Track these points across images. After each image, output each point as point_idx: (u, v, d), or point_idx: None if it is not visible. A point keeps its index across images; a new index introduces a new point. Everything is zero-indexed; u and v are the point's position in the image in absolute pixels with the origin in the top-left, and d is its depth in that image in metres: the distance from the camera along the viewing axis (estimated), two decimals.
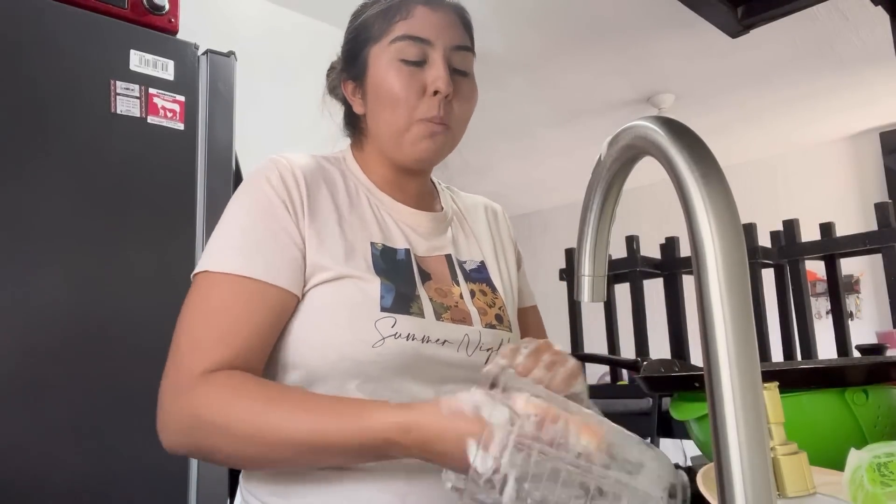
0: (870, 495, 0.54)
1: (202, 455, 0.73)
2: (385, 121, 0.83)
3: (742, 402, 0.34)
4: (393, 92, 0.82)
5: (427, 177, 0.93)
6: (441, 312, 0.81)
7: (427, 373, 0.78)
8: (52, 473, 1.27)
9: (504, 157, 4.74)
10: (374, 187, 0.87)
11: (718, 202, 0.36)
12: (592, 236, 0.52)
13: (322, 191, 0.82)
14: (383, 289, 0.77)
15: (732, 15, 1.34)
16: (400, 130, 0.83)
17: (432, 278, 0.84)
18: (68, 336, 1.33)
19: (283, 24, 2.71)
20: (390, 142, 0.84)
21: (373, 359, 0.74)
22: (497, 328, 0.86)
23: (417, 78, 0.81)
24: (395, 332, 0.75)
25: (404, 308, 0.77)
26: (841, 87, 3.83)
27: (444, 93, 0.81)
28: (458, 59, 0.84)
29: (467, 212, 0.98)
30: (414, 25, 0.82)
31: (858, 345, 1.68)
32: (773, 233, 2.11)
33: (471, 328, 0.82)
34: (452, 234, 0.92)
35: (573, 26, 3.06)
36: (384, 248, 0.82)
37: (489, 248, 0.95)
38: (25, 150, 1.34)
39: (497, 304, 0.89)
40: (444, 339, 0.79)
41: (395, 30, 0.82)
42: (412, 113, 0.82)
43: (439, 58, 0.82)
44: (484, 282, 0.90)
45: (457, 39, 0.84)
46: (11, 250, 1.30)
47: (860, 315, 4.51)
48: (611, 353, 2.05)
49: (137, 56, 1.49)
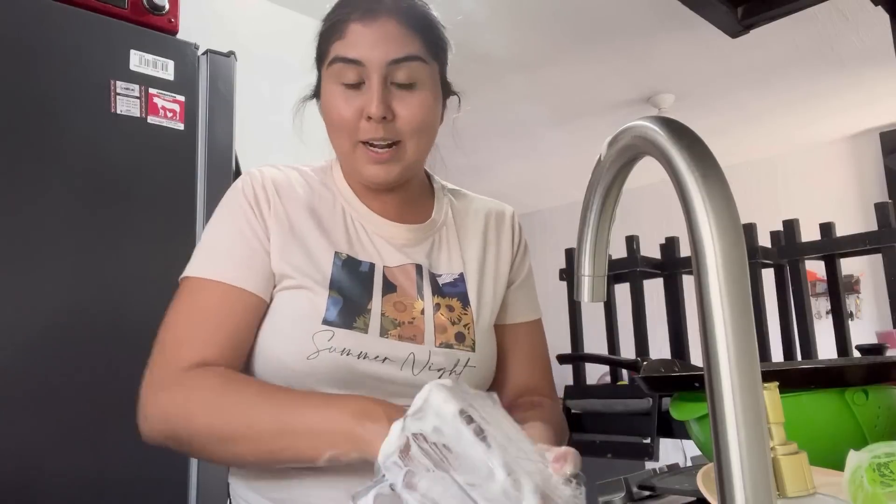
0: (870, 496, 0.54)
1: (179, 444, 0.75)
2: (335, 143, 0.85)
3: (742, 402, 0.34)
4: (333, 116, 0.82)
5: (408, 187, 0.90)
6: (388, 329, 0.80)
7: (368, 389, 0.77)
8: (52, 473, 1.27)
9: (504, 157, 4.73)
10: (353, 198, 0.88)
11: (718, 202, 0.36)
12: (592, 236, 0.52)
13: (294, 201, 0.84)
14: (330, 301, 0.78)
15: (732, 15, 1.34)
16: (347, 153, 0.84)
17: (396, 291, 0.83)
18: (68, 336, 1.33)
19: (283, 24, 2.71)
20: (344, 163, 0.87)
21: (308, 370, 0.76)
22: (454, 347, 0.83)
23: (354, 102, 0.80)
24: (330, 346, 0.76)
25: (347, 322, 0.78)
26: (841, 87, 3.83)
27: (376, 117, 0.78)
28: (400, 73, 0.79)
29: (464, 219, 0.95)
30: (347, 46, 0.79)
31: (858, 345, 1.68)
32: (773, 233, 2.11)
33: (419, 347, 0.81)
34: (433, 244, 0.90)
35: (573, 26, 3.06)
36: (347, 259, 0.83)
37: (476, 259, 0.92)
38: (26, 150, 1.34)
39: (463, 320, 0.86)
40: (385, 357, 0.79)
41: (332, 51, 0.81)
42: (354, 136, 0.81)
43: (374, 78, 0.78)
44: (456, 296, 0.87)
45: (394, 52, 0.79)
46: (11, 250, 1.30)
47: (860, 315, 4.51)
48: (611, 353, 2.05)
49: (137, 56, 1.49)
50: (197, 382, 0.72)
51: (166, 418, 0.72)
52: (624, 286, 2.13)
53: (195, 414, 0.71)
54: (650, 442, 1.57)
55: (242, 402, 0.71)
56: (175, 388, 0.72)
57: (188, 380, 0.72)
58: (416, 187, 0.92)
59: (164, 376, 0.74)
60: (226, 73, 1.61)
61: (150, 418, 0.74)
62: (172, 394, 0.72)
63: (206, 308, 0.77)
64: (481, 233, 0.94)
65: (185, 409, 0.71)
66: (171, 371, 0.74)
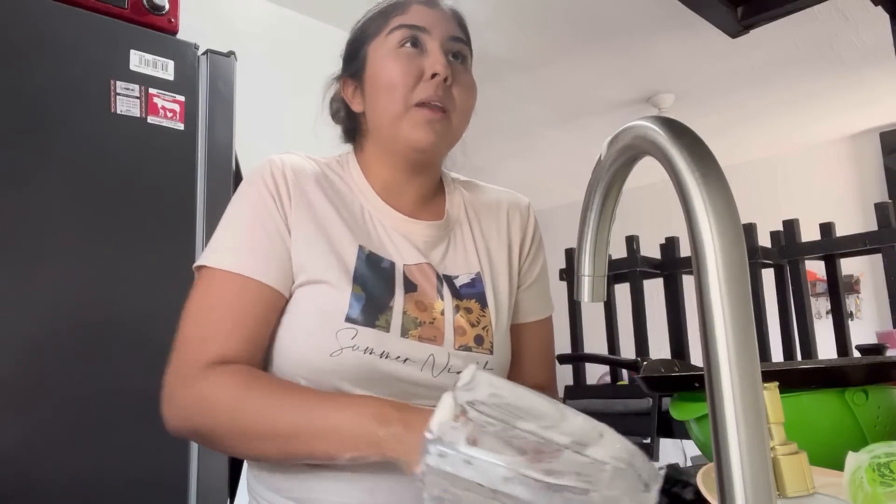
0: (870, 497, 0.54)
1: (202, 438, 0.77)
2: (383, 108, 0.84)
3: (742, 402, 0.34)
4: (391, 76, 0.83)
5: (429, 177, 0.90)
6: (409, 328, 0.80)
7: (389, 389, 0.77)
8: (52, 473, 1.27)
9: (504, 157, 4.74)
10: (371, 193, 0.87)
11: (718, 202, 0.36)
12: (592, 236, 0.52)
13: (314, 192, 0.83)
14: (353, 298, 0.78)
15: (732, 15, 1.34)
16: (398, 114, 0.82)
17: (417, 290, 0.83)
18: (68, 336, 1.33)
19: (283, 24, 2.71)
20: (389, 129, 0.84)
21: (331, 367, 0.76)
22: (473, 350, 0.83)
23: (415, 63, 0.83)
24: (353, 345, 0.76)
25: (370, 320, 0.78)
26: (841, 87, 3.83)
27: (442, 75, 0.81)
28: (455, 49, 0.86)
29: (478, 213, 0.94)
30: (411, 17, 0.85)
31: (858, 345, 1.68)
32: (773, 233, 2.11)
33: (438, 349, 0.80)
34: (451, 243, 0.90)
35: (573, 26, 3.06)
36: (370, 255, 0.82)
37: (493, 256, 0.91)
38: (25, 150, 1.34)
39: (482, 322, 0.85)
40: (406, 357, 0.78)
41: (392, 22, 0.85)
42: (409, 96, 0.82)
43: (436, 45, 0.84)
44: (475, 297, 0.87)
45: (453, 31, 0.86)
46: (11, 250, 1.29)
47: (860, 315, 4.51)
48: (611, 353, 2.05)
49: (137, 56, 1.48)
50: (220, 380, 0.73)
51: (189, 414, 0.74)
52: (624, 286, 2.13)
53: (218, 411, 0.72)
54: (650, 442, 1.57)
55: (264, 401, 0.72)
56: (199, 384, 0.73)
57: (211, 376, 0.73)
58: (431, 181, 0.92)
59: (188, 372, 0.75)
60: (226, 73, 1.61)
61: (176, 411, 0.75)
62: (197, 389, 0.73)
63: (227, 303, 0.77)
64: (495, 228, 0.94)
65: (207, 405, 0.73)
66: (194, 367, 0.75)
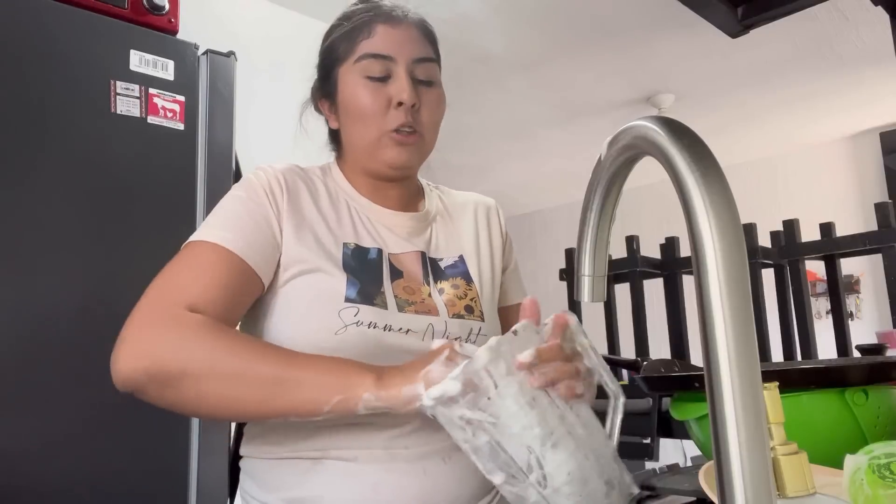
0: (871, 499, 0.54)
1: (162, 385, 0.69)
2: (358, 135, 0.89)
3: (742, 402, 0.34)
4: (361, 107, 0.87)
5: (408, 183, 0.96)
6: (404, 306, 0.84)
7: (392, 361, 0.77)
8: (53, 473, 1.27)
9: (504, 157, 4.73)
10: (354, 193, 0.92)
11: (718, 202, 0.36)
12: (592, 236, 0.52)
13: (302, 195, 0.87)
14: (348, 283, 0.82)
15: (732, 15, 1.34)
16: (372, 142, 0.88)
17: (403, 276, 0.87)
18: (68, 336, 1.33)
19: (283, 24, 2.71)
20: (365, 154, 0.90)
21: (335, 346, 0.77)
22: (465, 318, 0.88)
23: (382, 92, 0.86)
24: (357, 321, 0.79)
25: (367, 300, 0.81)
26: (841, 87, 3.83)
27: (408, 103, 0.85)
28: (420, 70, 0.88)
29: (455, 210, 1.01)
30: (376, 44, 0.87)
31: (858, 345, 1.68)
32: (773, 233, 2.11)
33: (435, 318, 0.85)
34: (433, 232, 0.96)
35: (573, 26, 3.06)
36: (356, 248, 0.87)
37: (472, 242, 0.98)
38: (25, 151, 1.34)
39: (469, 295, 0.91)
40: (408, 328, 0.82)
41: (358, 49, 0.88)
42: (382, 123, 0.86)
43: (402, 71, 0.86)
44: (460, 275, 0.93)
45: (418, 52, 0.88)
46: (11, 250, 1.30)
47: (860, 315, 4.51)
48: (611, 353, 2.05)
49: (137, 56, 1.49)
50: (195, 320, 0.70)
51: (154, 354, 0.68)
52: (624, 286, 2.13)
53: (193, 349, 0.68)
54: (650, 442, 1.57)
55: (246, 346, 0.70)
56: (170, 324, 0.69)
57: (185, 317, 0.70)
58: (412, 185, 0.98)
59: (158, 314, 0.71)
60: (226, 73, 1.61)
61: (136, 352, 0.69)
62: (166, 329, 0.69)
63: (207, 265, 0.76)
64: (472, 221, 1.00)
65: (180, 343, 0.68)
66: (165, 308, 0.71)
